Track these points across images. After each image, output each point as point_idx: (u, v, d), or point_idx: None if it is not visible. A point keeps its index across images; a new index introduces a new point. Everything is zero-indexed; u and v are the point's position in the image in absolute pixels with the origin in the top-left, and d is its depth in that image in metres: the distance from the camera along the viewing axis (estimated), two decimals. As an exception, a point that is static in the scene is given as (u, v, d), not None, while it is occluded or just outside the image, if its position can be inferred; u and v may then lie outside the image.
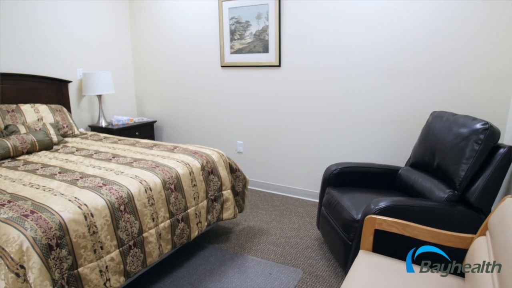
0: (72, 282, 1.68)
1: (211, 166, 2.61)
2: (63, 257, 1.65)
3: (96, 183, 2.03)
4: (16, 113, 3.13)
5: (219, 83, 3.95)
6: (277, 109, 3.63)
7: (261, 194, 3.80)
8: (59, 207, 1.74)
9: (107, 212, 1.86)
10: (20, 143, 2.72)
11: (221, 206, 2.68)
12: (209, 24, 3.87)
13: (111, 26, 4.30)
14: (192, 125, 4.30)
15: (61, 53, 3.79)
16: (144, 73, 4.56)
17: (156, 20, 4.27)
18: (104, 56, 4.26)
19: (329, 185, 2.61)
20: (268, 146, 3.78)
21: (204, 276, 2.34)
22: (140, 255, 2.02)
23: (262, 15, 3.48)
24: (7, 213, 1.70)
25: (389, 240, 1.85)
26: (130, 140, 3.15)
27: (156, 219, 2.12)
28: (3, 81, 3.27)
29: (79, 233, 1.72)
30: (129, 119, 4.17)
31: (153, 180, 2.17)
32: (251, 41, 3.61)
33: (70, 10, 3.83)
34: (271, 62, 3.54)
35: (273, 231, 2.96)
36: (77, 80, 3.98)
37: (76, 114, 4.03)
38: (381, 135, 3.15)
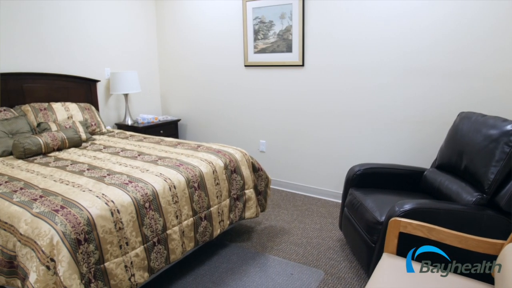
0: (98, 276, 1.73)
1: (234, 165, 2.63)
2: (91, 252, 1.70)
3: (123, 180, 2.08)
4: (48, 111, 3.25)
5: (243, 82, 3.97)
6: (300, 108, 3.62)
7: (283, 193, 3.79)
8: (88, 203, 1.80)
9: (133, 209, 1.91)
10: (51, 140, 2.82)
11: (244, 205, 2.69)
12: (233, 24, 3.89)
13: (138, 27, 4.39)
14: (215, 124, 4.34)
15: (90, 54, 3.91)
16: (169, 73, 4.64)
17: (181, 20, 4.33)
18: (131, 56, 4.35)
19: (352, 186, 2.59)
20: (290, 145, 3.77)
21: (226, 274, 2.36)
22: (163, 252, 2.06)
23: (286, 15, 3.48)
24: (39, 207, 1.77)
25: (414, 243, 1.81)
26: (155, 139, 3.21)
27: (179, 216, 2.16)
28: (37, 81, 3.40)
29: (106, 229, 1.77)
30: (154, 118, 4.25)
31: (177, 178, 2.21)
32: (274, 40, 3.61)
33: (100, 12, 3.94)
34: (295, 61, 3.53)
35: (294, 231, 2.95)
36: (105, 79, 4.09)
37: (104, 112, 4.14)
38: (406, 135, 3.09)
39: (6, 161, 2.61)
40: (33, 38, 3.41)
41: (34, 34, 3.41)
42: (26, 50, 3.37)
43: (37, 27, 3.43)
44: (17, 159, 2.66)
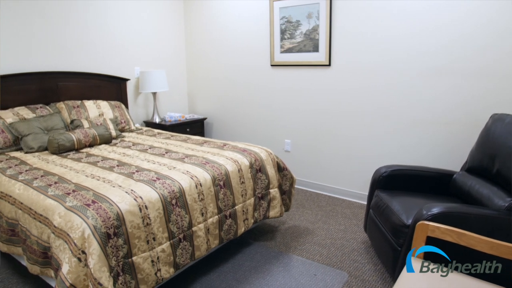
0: (126, 270, 1.79)
1: (259, 164, 2.65)
2: (119, 246, 1.76)
3: (151, 177, 2.13)
4: (80, 109, 3.37)
5: (269, 82, 3.98)
6: (326, 108, 3.59)
7: (308, 193, 3.78)
8: (117, 199, 1.85)
9: (160, 205, 1.95)
10: (83, 136, 2.92)
11: (268, 204, 2.70)
12: (260, 24, 3.91)
13: (167, 27, 4.48)
14: (241, 123, 4.37)
15: (121, 53, 4.02)
16: (196, 72, 4.70)
17: (209, 20, 4.38)
18: (160, 56, 4.45)
19: (378, 188, 2.55)
20: (316, 145, 3.75)
21: (249, 272, 2.38)
22: (189, 248, 2.10)
23: (313, 15, 3.46)
24: (72, 201, 1.85)
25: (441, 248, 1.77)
26: (182, 136, 3.27)
27: (205, 214, 2.19)
28: (71, 79, 3.53)
29: (134, 224, 1.82)
30: (181, 116, 4.32)
31: (203, 176, 2.25)
32: (301, 40, 3.60)
33: (131, 12, 4.04)
34: (321, 61, 3.51)
35: (318, 231, 2.94)
36: (135, 78, 4.20)
37: (133, 110, 4.25)
38: (435, 137, 3.01)
39: (41, 156, 2.73)
40: (68, 38, 3.54)
41: (68, 35, 3.54)
42: (61, 50, 3.51)
43: (72, 28, 3.56)
44: (52, 154, 2.77)
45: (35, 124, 2.95)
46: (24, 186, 2.12)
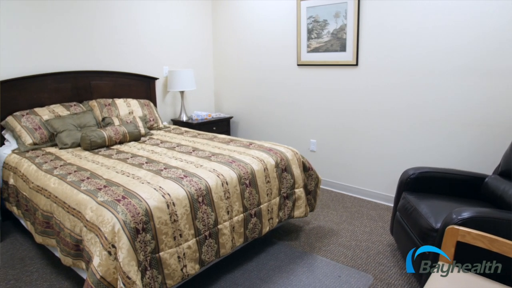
0: (154, 265, 1.83)
1: (285, 163, 2.65)
2: (148, 241, 1.80)
3: (178, 175, 2.18)
4: (111, 107, 3.48)
5: (295, 81, 3.97)
6: (352, 108, 3.55)
7: (333, 194, 3.75)
8: (146, 195, 1.90)
9: (187, 202, 1.99)
10: (114, 134, 3.01)
11: (293, 204, 2.70)
12: (287, 23, 3.90)
13: (196, 27, 4.55)
14: (266, 122, 4.38)
15: (150, 53, 4.12)
16: (222, 71, 4.75)
17: (236, 20, 4.41)
18: (188, 55, 4.52)
19: (406, 190, 2.50)
20: (341, 145, 3.71)
21: (273, 271, 2.39)
22: (214, 246, 2.12)
23: (341, 14, 3.42)
24: (103, 196, 1.91)
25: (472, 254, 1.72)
26: (208, 135, 3.31)
27: (230, 212, 2.22)
28: (103, 78, 3.65)
29: (162, 220, 1.87)
30: (208, 115, 4.38)
31: (229, 174, 2.27)
32: (328, 39, 3.57)
33: (159, 13, 4.13)
34: (348, 61, 3.46)
35: (343, 233, 2.91)
36: (163, 77, 4.29)
37: (161, 108, 4.34)
38: (465, 138, 2.92)
39: (75, 152, 2.83)
40: (101, 39, 3.66)
41: (101, 36, 3.66)
42: (94, 50, 3.63)
43: (104, 29, 3.67)
44: (84, 150, 2.87)
45: (69, 121, 3.07)
46: (58, 180, 2.21)
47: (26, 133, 2.94)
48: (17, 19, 3.13)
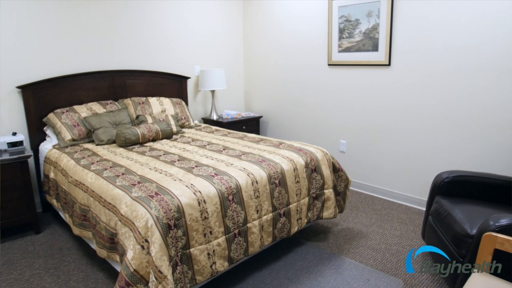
0: (184, 260, 1.87)
1: (314, 164, 2.64)
2: (179, 237, 1.84)
3: (209, 173, 2.22)
4: (145, 105, 3.58)
5: (325, 81, 3.94)
6: (384, 109, 3.48)
7: (362, 196, 3.69)
8: (178, 192, 1.95)
9: (217, 200, 2.02)
10: (147, 131, 3.10)
11: (322, 204, 2.69)
12: (318, 23, 3.88)
13: (227, 27, 4.60)
14: (296, 122, 4.37)
15: (183, 52, 4.21)
16: (253, 70, 4.78)
17: (267, 20, 4.42)
18: (219, 55, 4.58)
19: (439, 194, 2.43)
20: (372, 147, 3.65)
21: (301, 272, 2.39)
22: (243, 244, 2.15)
23: (373, 13, 3.36)
24: (137, 192, 1.97)
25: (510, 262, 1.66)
26: (238, 134, 3.34)
27: (260, 211, 2.23)
28: (137, 77, 3.77)
29: (193, 217, 1.91)
30: (237, 114, 4.42)
31: (259, 173, 2.29)
32: (360, 39, 3.52)
33: (191, 13, 4.21)
34: (380, 61, 3.40)
35: (373, 235, 2.86)
36: (195, 76, 4.37)
37: (192, 107, 4.42)
38: (502, 142, 2.79)
39: (110, 148, 2.94)
40: (135, 39, 3.78)
41: (136, 36, 3.78)
42: (129, 50, 3.75)
43: (139, 30, 3.79)
44: (119, 147, 2.97)
45: (105, 119, 3.18)
46: (95, 175, 2.30)
47: (65, 129, 3.07)
48: (60, 22, 3.28)
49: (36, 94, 3.17)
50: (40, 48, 3.22)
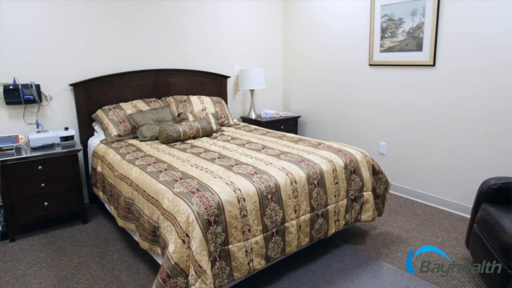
0: (222, 256, 1.91)
1: (354, 165, 2.61)
2: (218, 233, 1.89)
3: (248, 171, 2.25)
4: (186, 103, 3.68)
5: (366, 82, 3.87)
6: (427, 110, 3.37)
7: (402, 199, 3.60)
8: (218, 189, 1.99)
9: (257, 198, 2.05)
10: (188, 129, 3.18)
11: (360, 207, 2.65)
12: (359, 22, 3.81)
13: (267, 27, 4.62)
14: (335, 123, 4.32)
15: (223, 52, 4.28)
16: (292, 70, 4.77)
17: (307, 20, 4.40)
18: (259, 54, 4.61)
19: (486, 201, 2.32)
20: (413, 150, 3.55)
21: (337, 274, 2.37)
22: (280, 243, 2.16)
23: (418, 12, 3.26)
24: (179, 188, 2.04)
25: None
26: (277, 133, 3.36)
27: (298, 211, 2.24)
28: (179, 76, 3.88)
29: (232, 214, 1.94)
30: (276, 113, 4.43)
31: (298, 173, 2.29)
32: (403, 39, 3.42)
33: (231, 13, 4.27)
34: (424, 61, 3.29)
35: (412, 241, 2.78)
36: (235, 75, 4.43)
37: (231, 106, 4.49)
38: None
39: (153, 144, 3.05)
40: (178, 39, 3.89)
41: (178, 36, 3.89)
42: (172, 50, 3.87)
43: (181, 30, 3.90)
44: (161, 143, 3.08)
45: (149, 116, 3.30)
46: (139, 170, 2.40)
47: (112, 125, 3.22)
48: (108, 25, 3.45)
49: (86, 92, 3.35)
50: (90, 48, 3.39)
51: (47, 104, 3.25)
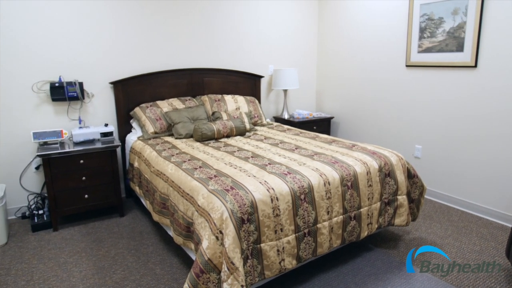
0: (254, 255, 1.93)
1: (388, 168, 2.56)
2: (251, 232, 1.91)
3: (282, 171, 2.26)
4: (221, 102, 3.73)
5: (402, 83, 3.78)
6: (466, 113, 3.25)
7: (437, 205, 3.49)
8: (252, 188, 2.02)
9: (290, 198, 2.06)
10: (222, 127, 3.23)
11: (394, 211, 2.60)
12: (396, 22, 3.73)
13: (301, 27, 4.61)
14: (368, 124, 4.25)
15: (257, 52, 4.31)
16: (325, 71, 4.74)
17: (342, 20, 4.35)
18: (292, 54, 4.61)
19: (530, 211, 2.22)
20: (450, 154, 3.43)
21: (369, 278, 2.34)
22: (312, 244, 2.16)
23: (459, 11, 3.15)
24: (214, 185, 2.08)
25: None
26: (310, 134, 3.35)
27: (330, 212, 2.23)
28: (214, 75, 3.95)
29: (265, 213, 1.96)
30: (309, 114, 4.42)
31: (332, 175, 2.28)
32: (442, 39, 3.32)
33: (265, 13, 4.29)
34: (465, 62, 3.18)
35: (448, 248, 2.70)
36: (268, 75, 4.45)
37: (264, 106, 4.51)
38: None
39: (188, 142, 3.12)
40: (213, 39, 3.96)
41: (213, 36, 3.96)
42: (207, 49, 3.95)
43: (216, 30, 3.97)
44: (196, 141, 3.14)
45: (184, 114, 3.38)
46: (175, 167, 2.47)
47: (149, 122, 3.33)
48: (144, 26, 3.57)
49: (124, 90, 3.48)
50: (128, 49, 3.52)
51: (89, 101, 3.40)
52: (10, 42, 3.01)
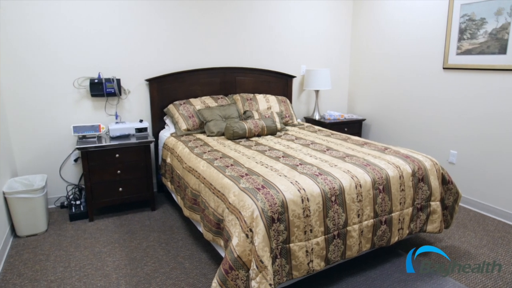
0: (283, 254, 1.94)
1: (422, 173, 2.50)
2: (281, 231, 1.92)
3: (313, 171, 2.25)
4: (252, 101, 3.76)
5: (439, 86, 3.67)
6: (506, 119, 3.11)
7: (471, 213, 3.38)
8: (283, 187, 2.02)
9: (320, 199, 2.05)
10: (253, 126, 3.26)
11: (427, 217, 2.54)
12: (434, 23, 3.63)
13: (335, 27, 4.57)
14: (401, 127, 4.16)
15: (289, 51, 4.31)
16: (358, 72, 4.67)
17: (377, 20, 4.27)
18: (325, 55, 4.57)
19: None
20: (488, 161, 3.31)
21: (398, 284, 2.29)
22: (341, 246, 2.15)
23: (504, 11, 3.02)
24: (245, 183, 2.10)
25: None
26: (342, 136, 3.32)
27: (361, 216, 2.21)
28: (246, 74, 3.98)
29: (295, 214, 1.97)
30: (340, 115, 4.37)
31: (363, 177, 2.25)
32: (484, 40, 3.20)
33: (297, 12, 4.28)
34: (508, 65, 3.05)
35: (482, 258, 2.61)
36: (300, 75, 4.44)
37: (295, 106, 4.51)
38: None
39: (219, 140, 3.16)
40: (246, 38, 4.00)
41: (246, 36, 4.00)
42: (240, 49, 3.98)
43: (248, 30, 3.99)
44: (227, 139, 3.18)
45: (216, 112, 3.43)
46: (207, 164, 2.51)
47: (182, 120, 3.40)
48: (179, 25, 3.64)
49: (159, 87, 3.57)
50: (164, 47, 3.61)
51: (125, 97, 3.51)
52: (54, 41, 3.16)
